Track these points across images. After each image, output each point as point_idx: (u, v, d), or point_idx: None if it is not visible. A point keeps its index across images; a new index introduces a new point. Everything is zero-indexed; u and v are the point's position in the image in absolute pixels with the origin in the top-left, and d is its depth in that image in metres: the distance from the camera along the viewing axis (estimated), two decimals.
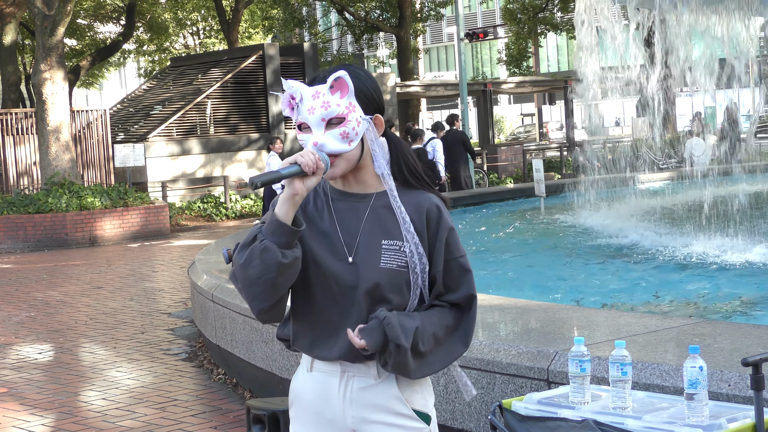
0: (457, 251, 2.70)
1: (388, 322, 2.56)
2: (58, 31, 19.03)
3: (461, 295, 2.70)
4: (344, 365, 2.67)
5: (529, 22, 33.52)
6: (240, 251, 2.59)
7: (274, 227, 2.54)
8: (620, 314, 5.37)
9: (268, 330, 6.20)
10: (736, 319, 6.43)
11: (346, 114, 2.61)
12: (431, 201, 2.69)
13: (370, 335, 2.56)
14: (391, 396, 2.66)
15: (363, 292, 2.62)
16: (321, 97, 2.62)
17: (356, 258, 2.64)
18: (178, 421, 6.28)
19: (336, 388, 2.68)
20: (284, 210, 2.55)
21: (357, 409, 2.66)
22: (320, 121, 2.61)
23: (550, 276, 8.90)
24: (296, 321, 2.73)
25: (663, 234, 10.85)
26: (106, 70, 42.51)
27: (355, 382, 2.66)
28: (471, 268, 2.73)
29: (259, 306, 2.60)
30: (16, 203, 18.23)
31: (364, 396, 2.66)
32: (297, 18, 34.32)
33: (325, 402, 2.70)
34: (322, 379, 2.70)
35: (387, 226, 2.66)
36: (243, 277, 2.57)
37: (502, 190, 17.13)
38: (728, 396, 3.51)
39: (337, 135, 2.61)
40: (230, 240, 9.97)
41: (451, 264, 2.68)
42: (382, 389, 2.66)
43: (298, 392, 2.76)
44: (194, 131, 24.07)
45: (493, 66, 60.76)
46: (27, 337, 9.42)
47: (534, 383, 4.20)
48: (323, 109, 2.61)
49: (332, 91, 2.62)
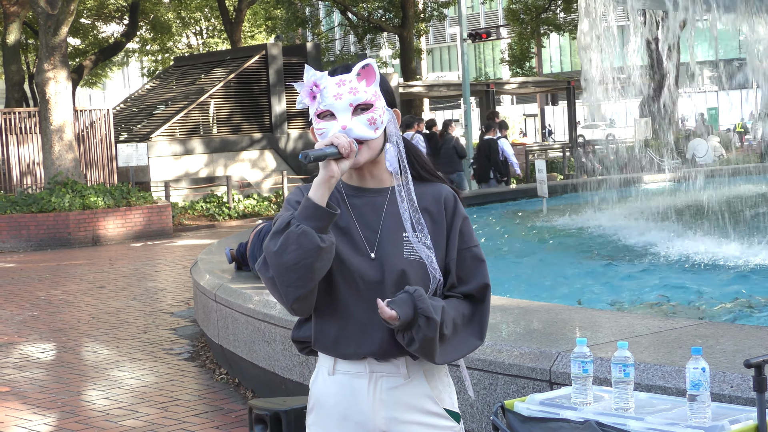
0: (471, 241, 2.69)
1: (419, 294, 2.53)
2: (62, 31, 19.04)
3: (474, 285, 2.69)
4: (371, 365, 2.63)
5: (532, 23, 33.50)
6: (273, 238, 2.52)
7: (310, 211, 2.50)
8: (623, 315, 5.37)
9: (270, 330, 6.21)
10: (738, 321, 6.43)
11: (373, 101, 2.62)
12: (447, 191, 2.71)
13: (400, 306, 2.51)
14: (422, 395, 2.63)
15: (390, 286, 2.60)
16: (348, 84, 2.62)
17: (378, 253, 2.62)
18: (180, 420, 6.29)
19: (364, 389, 2.63)
20: (320, 193, 2.52)
21: (388, 409, 2.62)
22: (348, 107, 2.61)
23: (552, 277, 8.90)
24: (319, 319, 2.67)
25: (665, 235, 10.84)
26: (109, 69, 42.55)
27: (384, 382, 2.62)
28: (484, 258, 2.72)
29: (295, 293, 2.52)
30: (20, 202, 18.25)
31: (395, 396, 2.62)
32: (300, 18, 34.33)
33: (352, 405, 2.65)
34: (347, 382, 2.66)
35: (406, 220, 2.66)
36: (278, 263, 2.49)
37: (505, 191, 17.10)
38: (731, 397, 3.51)
39: (365, 121, 2.61)
40: (233, 240, 9.97)
41: (465, 254, 2.68)
42: (412, 388, 2.62)
43: (319, 397, 2.71)
44: (197, 131, 24.09)
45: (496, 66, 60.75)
46: (30, 337, 9.42)
47: (536, 384, 4.20)
48: (351, 94, 2.61)
49: (359, 79, 2.63)
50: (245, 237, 8.71)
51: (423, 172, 2.72)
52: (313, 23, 35.84)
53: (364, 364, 2.63)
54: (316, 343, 2.70)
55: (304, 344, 2.77)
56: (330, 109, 2.63)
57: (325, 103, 2.63)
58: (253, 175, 24.49)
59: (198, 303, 8.45)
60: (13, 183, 21.38)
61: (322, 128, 2.65)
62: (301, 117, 25.69)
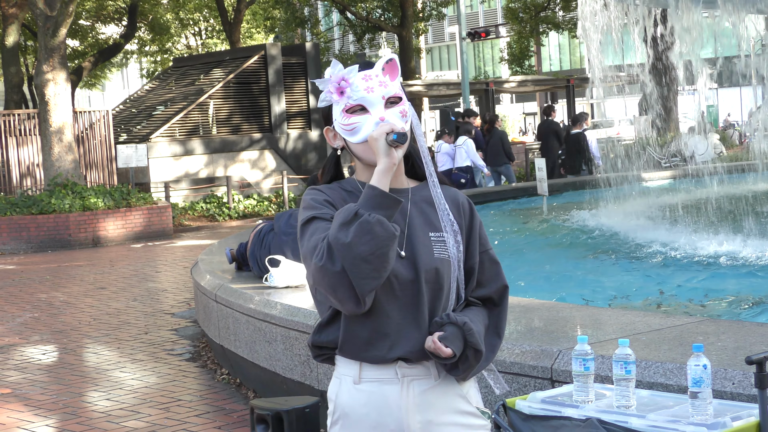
0: (487, 244, 2.74)
1: (469, 329, 2.56)
2: (61, 32, 19.04)
3: (494, 288, 2.72)
4: (401, 369, 2.58)
5: (531, 21, 33.51)
6: (341, 230, 2.42)
7: (379, 200, 2.45)
8: (624, 312, 5.36)
9: (271, 330, 6.21)
10: (739, 318, 6.43)
11: (401, 94, 2.63)
12: (462, 195, 2.74)
13: (453, 342, 2.53)
14: (454, 394, 2.62)
15: (424, 284, 2.58)
16: (375, 78, 2.60)
17: (408, 252, 2.59)
18: (182, 421, 6.29)
19: (396, 395, 2.58)
20: (385, 181, 2.49)
21: (423, 412, 2.58)
22: (381, 99, 2.60)
23: (553, 274, 8.90)
24: (349, 321, 2.59)
25: (665, 232, 10.84)
26: (108, 70, 42.55)
27: (416, 386, 2.59)
28: (499, 260, 2.76)
29: (371, 285, 2.43)
30: (20, 204, 18.25)
31: (427, 398, 2.59)
32: (299, 18, 34.34)
33: (384, 413, 2.59)
34: (377, 389, 2.60)
35: (431, 219, 2.65)
36: (351, 256, 2.40)
37: (505, 189, 17.11)
38: (732, 394, 3.51)
39: (398, 113, 2.60)
40: (233, 240, 9.97)
41: (483, 257, 2.70)
42: (445, 389, 2.61)
43: (346, 408, 2.63)
44: (197, 131, 24.08)
45: (495, 65, 60.75)
46: (31, 338, 9.42)
47: (538, 382, 4.20)
48: (382, 87, 2.60)
49: (383, 73, 2.62)
50: (245, 237, 8.70)
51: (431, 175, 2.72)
52: (312, 23, 35.86)
53: (393, 369, 2.58)
54: (343, 348, 2.62)
55: (324, 350, 2.68)
56: (362, 103, 2.60)
57: (356, 97, 2.60)
58: (253, 176, 24.49)
59: (199, 303, 8.45)
60: (13, 185, 21.38)
61: (353, 123, 2.61)
62: (300, 117, 25.69)
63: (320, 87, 2.66)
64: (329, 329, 2.66)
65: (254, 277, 7.34)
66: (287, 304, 6.14)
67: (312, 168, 24.74)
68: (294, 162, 25.16)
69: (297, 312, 5.94)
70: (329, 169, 2.77)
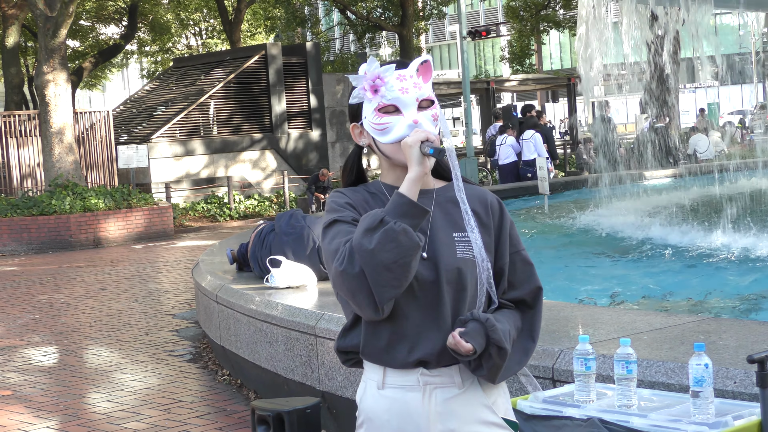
0: (519, 245, 2.67)
1: (491, 325, 2.48)
2: (61, 33, 19.04)
3: (527, 290, 2.65)
4: (424, 376, 2.53)
5: (532, 20, 33.49)
6: (365, 236, 2.39)
7: (406, 208, 2.41)
8: (625, 312, 5.36)
9: (272, 330, 6.20)
10: (741, 316, 6.42)
11: (433, 97, 2.58)
12: (491, 195, 2.68)
13: (474, 338, 2.46)
14: (480, 405, 2.54)
15: (445, 285, 2.53)
16: (410, 79, 2.56)
17: (430, 253, 2.54)
18: (183, 422, 6.28)
19: (418, 403, 2.53)
20: (414, 190, 2.45)
21: (445, 421, 2.53)
22: (414, 101, 2.56)
23: (553, 273, 8.89)
24: (370, 324, 2.56)
25: (666, 231, 10.83)
26: (108, 71, 42.54)
27: (439, 394, 2.53)
28: (532, 261, 2.69)
29: (389, 293, 2.40)
30: (20, 205, 18.25)
31: (451, 407, 2.53)
32: (299, 17, 34.34)
33: (406, 421, 2.54)
34: (399, 396, 2.55)
35: (455, 219, 2.59)
36: (374, 262, 2.37)
37: (506, 188, 17.11)
38: (734, 393, 3.50)
39: (430, 117, 2.56)
40: (234, 240, 9.97)
41: (515, 257, 2.65)
42: (468, 398, 2.54)
43: (369, 413, 2.59)
44: (197, 132, 24.08)
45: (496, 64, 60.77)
46: (31, 340, 9.42)
47: (539, 382, 4.18)
48: (417, 89, 2.55)
49: (417, 75, 2.57)
50: (246, 238, 8.70)
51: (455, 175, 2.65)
52: (313, 22, 35.86)
53: (415, 376, 2.54)
54: (364, 351, 2.59)
55: (350, 354, 2.65)
56: (396, 104, 2.56)
57: (390, 97, 2.56)
58: (254, 176, 24.48)
59: (200, 304, 8.44)
60: (13, 186, 21.39)
61: (385, 123, 2.57)
62: (301, 117, 25.68)
63: (354, 83, 2.61)
64: (352, 333, 2.63)
65: (255, 277, 7.34)
66: (288, 304, 6.13)
67: (313, 168, 24.73)
68: (295, 162, 25.15)
69: (298, 312, 5.94)
70: (351, 168, 2.73)
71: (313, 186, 20.99)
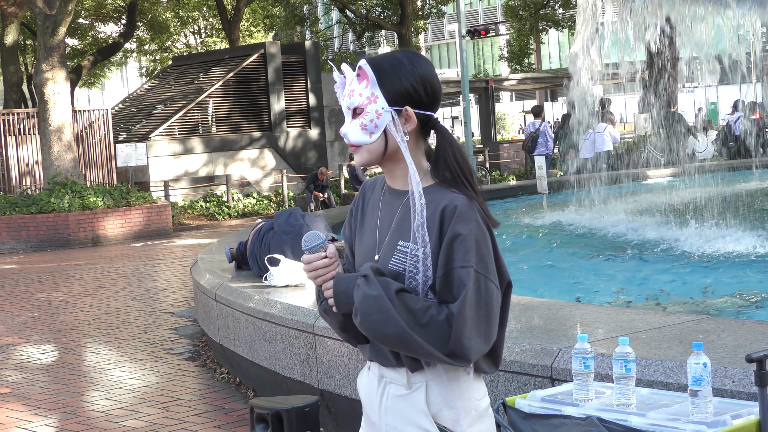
0: (461, 260, 2.42)
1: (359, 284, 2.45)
2: (60, 31, 19.03)
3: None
4: (381, 369, 2.58)
5: (531, 19, 33.51)
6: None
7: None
8: (623, 311, 5.36)
9: (271, 329, 6.20)
10: (739, 316, 6.42)
11: (365, 105, 2.52)
12: (453, 200, 2.46)
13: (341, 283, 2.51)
14: (418, 410, 2.52)
15: None
16: (350, 86, 2.57)
17: (380, 257, 2.54)
18: (181, 420, 6.28)
19: (375, 393, 2.60)
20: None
21: (390, 417, 2.56)
22: (348, 110, 2.57)
23: (552, 273, 8.89)
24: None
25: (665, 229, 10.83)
26: (107, 69, 42.57)
27: (392, 389, 2.56)
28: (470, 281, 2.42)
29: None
30: (19, 203, 18.24)
31: (397, 405, 2.56)
32: (298, 16, 34.33)
33: (370, 405, 2.63)
34: (370, 381, 2.63)
35: (408, 227, 2.51)
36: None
37: (505, 188, 17.14)
38: (732, 392, 3.50)
39: (358, 125, 2.54)
40: (233, 239, 9.97)
41: (450, 274, 2.44)
42: (411, 401, 2.53)
43: (359, 391, 2.70)
44: (196, 130, 24.08)
45: (495, 63, 60.78)
46: (30, 338, 9.42)
47: (537, 381, 4.19)
48: (348, 97, 2.56)
49: (359, 80, 2.55)
50: (245, 236, 8.70)
51: (448, 173, 2.52)
52: (312, 21, 35.85)
53: (376, 367, 2.59)
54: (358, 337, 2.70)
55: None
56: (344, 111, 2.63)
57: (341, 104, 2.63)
58: (253, 174, 24.48)
59: (198, 302, 8.44)
60: (12, 184, 21.38)
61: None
62: (300, 115, 25.69)
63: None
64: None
65: (254, 276, 7.34)
66: (287, 303, 6.13)
67: (311, 167, 24.73)
68: (293, 161, 25.15)
69: (297, 311, 5.94)
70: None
71: (312, 185, 20.99)
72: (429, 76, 2.55)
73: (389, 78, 2.53)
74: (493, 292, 2.46)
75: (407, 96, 2.53)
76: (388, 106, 2.52)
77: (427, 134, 2.60)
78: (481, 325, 2.43)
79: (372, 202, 2.65)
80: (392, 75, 2.53)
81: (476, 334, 2.42)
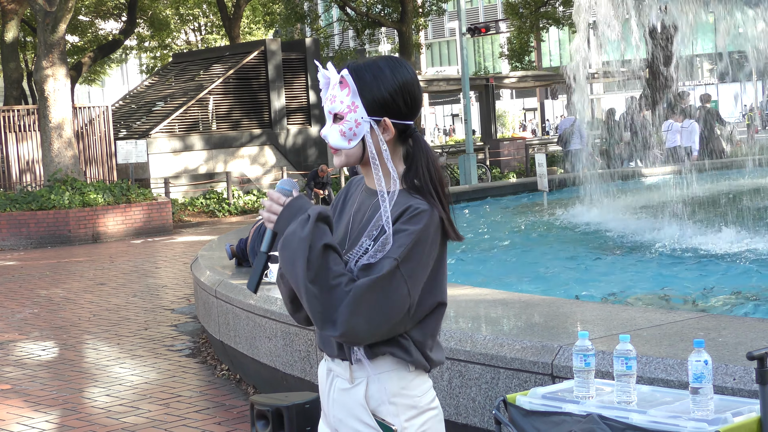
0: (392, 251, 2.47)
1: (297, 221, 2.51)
2: (60, 28, 19.02)
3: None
4: (328, 362, 2.66)
5: (531, 17, 33.48)
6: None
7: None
8: (624, 308, 5.36)
9: (272, 326, 6.20)
10: (740, 313, 6.42)
11: (345, 113, 2.59)
12: (417, 204, 2.52)
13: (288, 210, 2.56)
14: (357, 403, 2.60)
15: None
16: (332, 90, 2.62)
17: (346, 250, 2.61)
18: (182, 417, 6.28)
19: (325, 385, 2.68)
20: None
21: (336, 409, 2.64)
22: (329, 114, 2.63)
23: (553, 270, 8.89)
24: None
25: (664, 228, 10.83)
26: (108, 66, 42.52)
27: (338, 383, 2.64)
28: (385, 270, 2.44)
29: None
30: (19, 200, 18.24)
31: (342, 398, 2.63)
32: (299, 13, 34.30)
33: (322, 395, 2.71)
34: (322, 373, 2.72)
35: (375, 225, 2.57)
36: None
37: (505, 185, 17.14)
38: (733, 390, 3.50)
39: (338, 131, 2.60)
40: (233, 236, 9.97)
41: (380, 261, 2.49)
42: (353, 394, 2.61)
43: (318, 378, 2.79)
44: (196, 127, 24.08)
45: (495, 60, 60.75)
46: (30, 334, 9.42)
47: (538, 378, 4.19)
48: (330, 102, 2.62)
49: (341, 87, 2.60)
50: (245, 233, 8.70)
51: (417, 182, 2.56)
52: (312, 18, 35.82)
53: (327, 360, 2.67)
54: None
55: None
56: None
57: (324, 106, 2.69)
58: (253, 171, 24.48)
59: (199, 299, 8.45)
60: (12, 181, 21.38)
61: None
62: (300, 112, 25.68)
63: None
64: None
65: None
66: None
67: (312, 164, 24.73)
68: (294, 158, 25.15)
69: None
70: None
71: (312, 182, 21.00)
72: (409, 84, 2.61)
73: (370, 89, 2.58)
74: (402, 293, 2.47)
75: (386, 107, 2.59)
76: (368, 116, 2.58)
77: (405, 140, 2.64)
78: (374, 312, 2.45)
79: (352, 197, 2.73)
80: (373, 86, 2.58)
81: (365, 317, 2.44)
